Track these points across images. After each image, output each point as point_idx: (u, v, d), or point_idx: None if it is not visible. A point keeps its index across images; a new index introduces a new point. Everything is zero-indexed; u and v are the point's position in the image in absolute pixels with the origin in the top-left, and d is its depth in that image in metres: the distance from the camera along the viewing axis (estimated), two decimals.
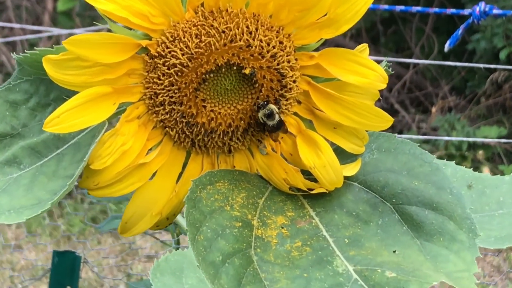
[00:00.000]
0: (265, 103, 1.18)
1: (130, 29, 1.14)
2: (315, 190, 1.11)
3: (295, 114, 1.23)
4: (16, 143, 1.20)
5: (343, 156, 1.16)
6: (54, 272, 3.89)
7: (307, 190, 1.12)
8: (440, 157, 1.80)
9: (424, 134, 7.64)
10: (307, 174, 1.13)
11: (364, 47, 1.21)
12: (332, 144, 1.19)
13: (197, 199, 1.09)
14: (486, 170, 7.50)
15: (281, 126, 1.20)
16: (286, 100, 1.21)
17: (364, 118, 1.16)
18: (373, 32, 8.30)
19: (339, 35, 1.16)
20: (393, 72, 1.22)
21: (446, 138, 7.58)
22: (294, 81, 1.19)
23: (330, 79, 1.13)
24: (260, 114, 1.18)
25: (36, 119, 1.22)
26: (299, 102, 1.22)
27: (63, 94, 1.16)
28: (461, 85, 8.31)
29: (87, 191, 1.17)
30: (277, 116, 1.18)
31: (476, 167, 7.24)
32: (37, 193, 1.12)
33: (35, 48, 1.17)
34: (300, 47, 1.14)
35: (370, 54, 1.21)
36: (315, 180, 1.12)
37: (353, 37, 8.03)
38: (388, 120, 1.17)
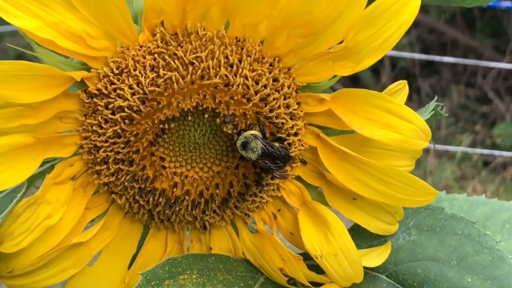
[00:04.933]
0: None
1: (66, 56, 0.81)
2: (324, 286, 0.85)
3: (298, 178, 0.90)
4: None
5: (366, 237, 0.89)
6: None
7: (310, 285, 0.86)
8: None
9: None
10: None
11: (401, 86, 0.86)
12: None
13: None
14: None
15: (282, 158, 0.85)
16: None
17: (395, 190, 0.84)
18: (469, 16, 7.85)
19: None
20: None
21: None
22: (296, 134, 0.87)
23: (347, 131, 0.84)
24: (238, 144, 0.84)
25: None
26: (303, 163, 0.89)
27: None
28: None
29: None
30: (259, 144, 0.83)
31: None
32: None
33: None
34: (305, 86, 0.86)
35: (464, 41, 0.83)
36: (324, 271, 0.86)
37: (447, 21, 7.56)
38: (430, 193, 0.84)
